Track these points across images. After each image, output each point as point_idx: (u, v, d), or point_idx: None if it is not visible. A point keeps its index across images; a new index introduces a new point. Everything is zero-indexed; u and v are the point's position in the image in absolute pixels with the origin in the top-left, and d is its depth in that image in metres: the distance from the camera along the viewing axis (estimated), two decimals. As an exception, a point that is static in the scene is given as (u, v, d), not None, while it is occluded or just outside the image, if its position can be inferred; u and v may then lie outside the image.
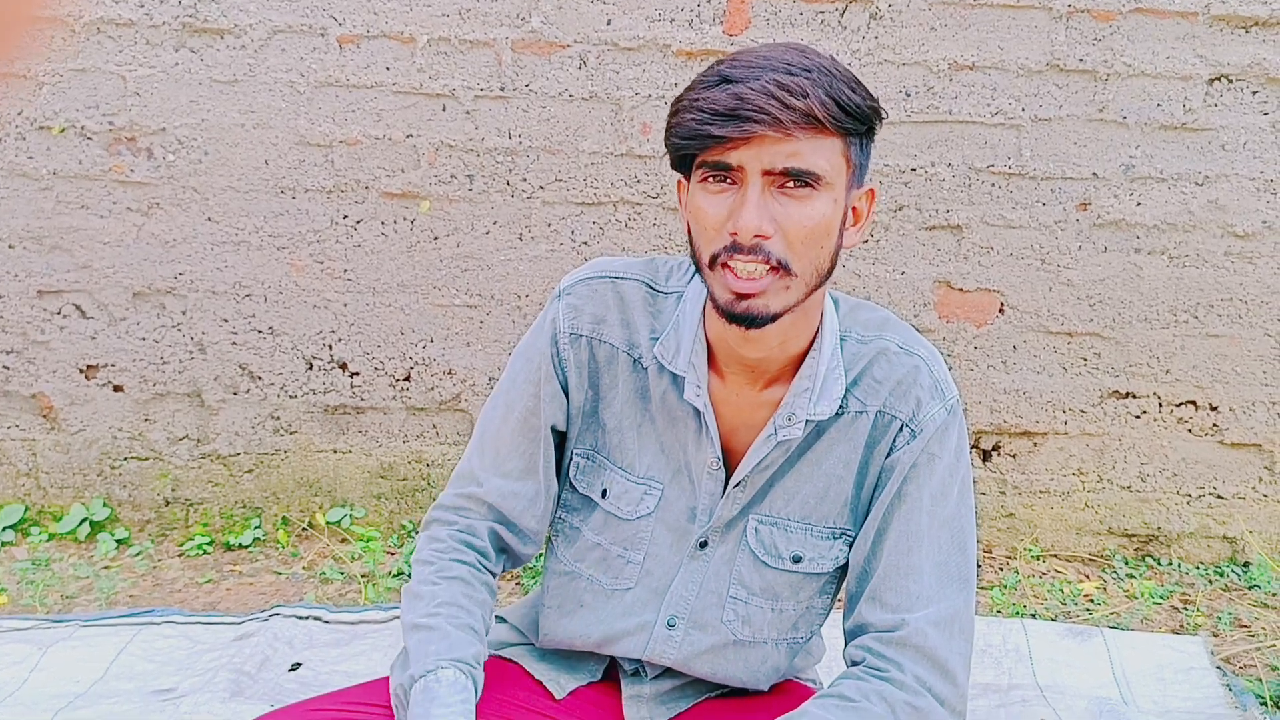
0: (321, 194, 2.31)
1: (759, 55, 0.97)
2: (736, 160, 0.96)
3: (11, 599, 2.18)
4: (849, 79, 0.98)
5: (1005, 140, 2.29)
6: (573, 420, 1.18)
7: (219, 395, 2.41)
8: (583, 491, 1.19)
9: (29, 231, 2.31)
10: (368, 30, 2.23)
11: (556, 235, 2.34)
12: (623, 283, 1.16)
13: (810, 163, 0.96)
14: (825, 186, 0.98)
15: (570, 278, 1.18)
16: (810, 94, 0.94)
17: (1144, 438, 2.45)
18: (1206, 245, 2.35)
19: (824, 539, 1.14)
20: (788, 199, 0.97)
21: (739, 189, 0.98)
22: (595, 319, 1.15)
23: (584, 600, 1.20)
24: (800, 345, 1.09)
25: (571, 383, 1.16)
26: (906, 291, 2.37)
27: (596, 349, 1.15)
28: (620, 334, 1.15)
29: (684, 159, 1.01)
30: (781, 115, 0.93)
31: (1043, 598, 2.32)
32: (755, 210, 0.96)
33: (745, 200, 0.96)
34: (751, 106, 0.93)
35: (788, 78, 0.94)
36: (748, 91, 0.94)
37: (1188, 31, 2.24)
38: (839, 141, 0.98)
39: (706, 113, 0.95)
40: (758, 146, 0.95)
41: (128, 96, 2.26)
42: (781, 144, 0.95)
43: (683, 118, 0.98)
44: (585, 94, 2.26)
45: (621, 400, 1.16)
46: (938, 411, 1.11)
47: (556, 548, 1.24)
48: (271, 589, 2.27)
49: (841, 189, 1.00)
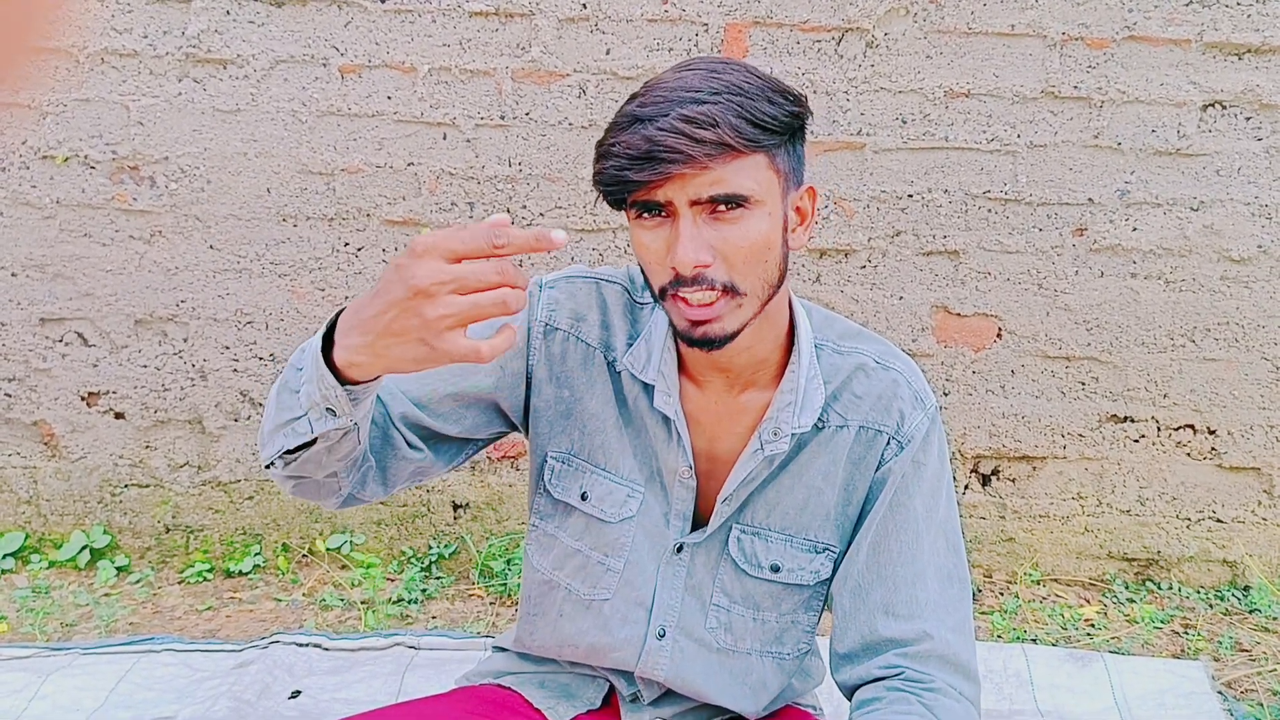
0: (323, 222, 2.33)
1: (667, 86, 0.96)
2: (663, 196, 0.96)
3: (11, 627, 2.18)
4: (764, 90, 0.97)
5: (1001, 166, 2.31)
6: (537, 415, 1.17)
7: (220, 422, 2.42)
8: (558, 497, 1.19)
9: (32, 260, 2.33)
10: (369, 60, 2.25)
11: (557, 262, 2.35)
12: (606, 286, 1.16)
13: (735, 185, 0.95)
14: (757, 204, 0.97)
15: (552, 274, 1.18)
16: (720, 121, 0.93)
17: (1143, 462, 2.46)
18: (1202, 270, 2.36)
19: (804, 551, 1.15)
20: (721, 223, 0.97)
21: (672, 221, 0.97)
22: (574, 316, 1.15)
23: (563, 610, 1.20)
24: (769, 348, 1.09)
25: (537, 374, 1.16)
26: (904, 316, 2.39)
27: (570, 346, 1.15)
28: (598, 334, 1.15)
29: (616, 200, 1.01)
30: (694, 151, 0.92)
31: (1043, 622, 2.31)
32: (690, 243, 0.95)
33: (679, 235, 0.96)
34: (663, 147, 0.92)
35: (695, 109, 0.93)
36: (656, 132, 0.93)
37: (1181, 59, 2.26)
38: (762, 157, 0.97)
39: (623, 159, 0.95)
40: (679, 182, 0.94)
41: (131, 126, 2.28)
42: (702, 175, 0.94)
43: (603, 164, 0.97)
44: (585, 122, 2.28)
45: (600, 401, 1.15)
46: (921, 421, 1.12)
47: (532, 556, 1.23)
48: (271, 616, 2.27)
49: (776, 200, 1.00)
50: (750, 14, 2.23)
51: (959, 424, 2.43)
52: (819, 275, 2.37)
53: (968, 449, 2.45)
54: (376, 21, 2.24)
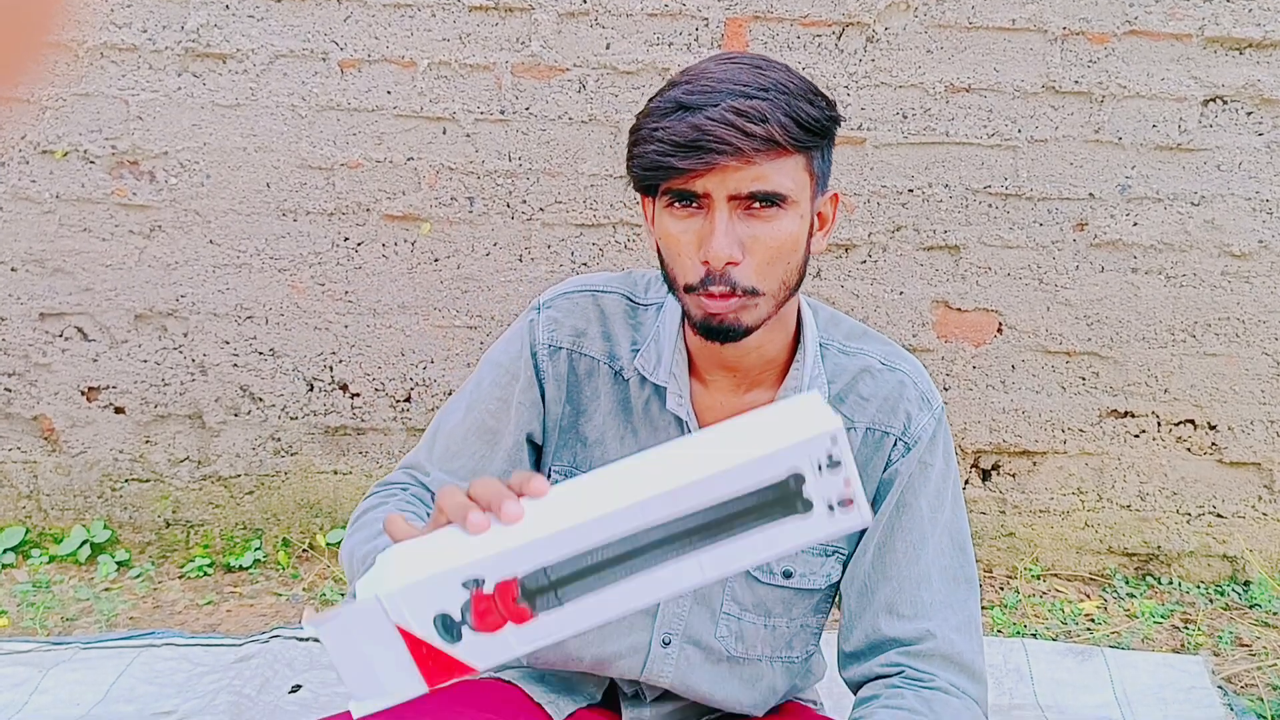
0: (323, 216, 2.33)
1: (713, 76, 0.96)
2: (701, 188, 0.96)
3: (12, 621, 2.18)
4: (806, 91, 0.97)
5: (1002, 161, 2.31)
6: (549, 434, 1.18)
7: (220, 417, 2.42)
8: None
9: (31, 254, 2.33)
10: (369, 55, 2.25)
11: (556, 257, 2.35)
12: (603, 296, 1.17)
13: (775, 184, 0.96)
14: (791, 204, 0.98)
15: (550, 292, 1.19)
16: (769, 117, 0.93)
17: (1143, 457, 2.46)
18: (1203, 265, 2.36)
19: (814, 555, 1.15)
20: (755, 220, 0.97)
21: (706, 214, 0.97)
22: (575, 332, 1.16)
23: None
24: (777, 348, 1.10)
25: (549, 395, 1.16)
26: (905, 311, 2.38)
27: (576, 362, 1.16)
28: (601, 346, 1.15)
29: (647, 186, 1.01)
30: (742, 144, 0.93)
31: (1043, 617, 2.31)
32: (724, 237, 0.96)
33: (714, 228, 0.96)
34: (712, 137, 0.93)
35: (745, 102, 0.93)
36: (706, 122, 0.93)
37: (1182, 53, 2.26)
38: (801, 158, 0.98)
39: (667, 144, 0.94)
40: (721, 174, 0.95)
41: (130, 120, 2.27)
42: (745, 169, 0.94)
43: (644, 149, 0.97)
44: (585, 117, 2.28)
45: (604, 413, 1.16)
46: (928, 422, 1.12)
47: None
48: (272, 610, 2.27)
49: (807, 202, 1.01)
50: (750, 8, 2.23)
51: (959, 419, 2.43)
52: (819, 270, 2.36)
53: (968, 444, 2.45)
54: (376, 16, 2.24)
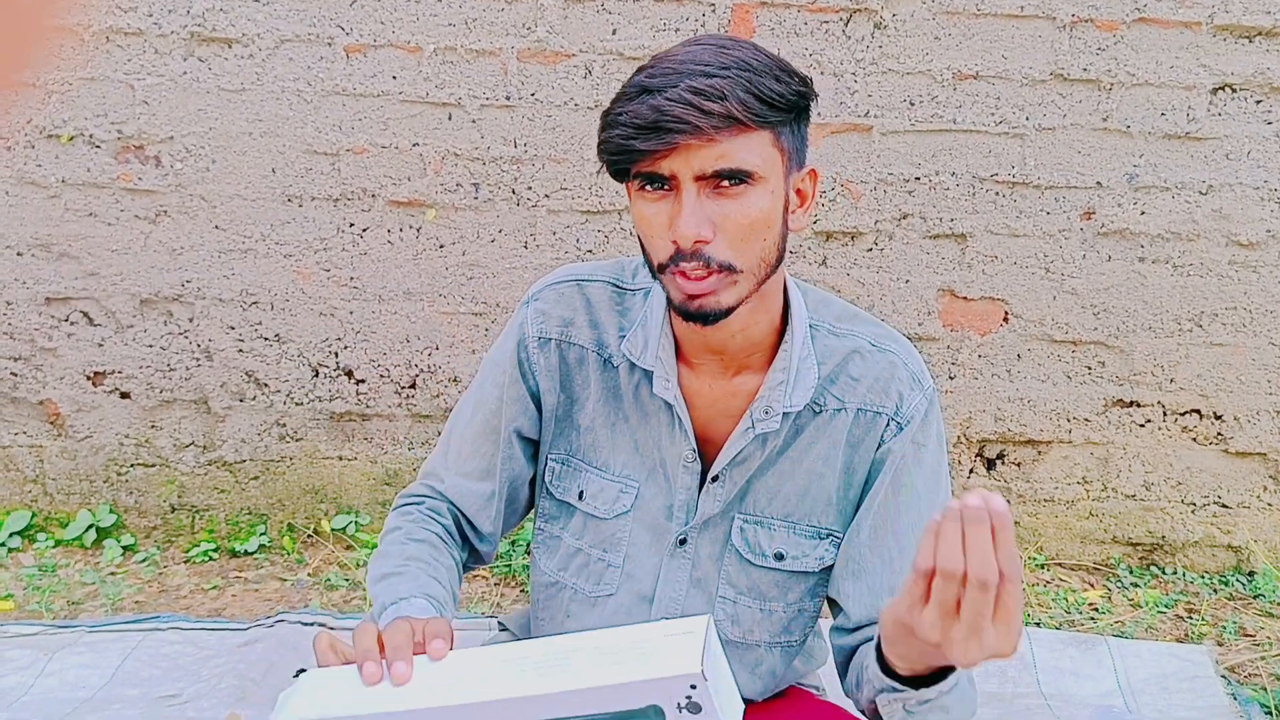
0: (328, 202, 2.33)
1: (676, 59, 0.97)
2: (667, 169, 0.97)
3: (18, 605, 2.19)
4: (771, 67, 0.98)
5: (1009, 149, 2.30)
6: (545, 425, 1.19)
7: (225, 402, 2.42)
8: (560, 497, 1.20)
9: (37, 239, 2.33)
10: (374, 40, 2.25)
11: (561, 243, 2.34)
12: (588, 285, 1.17)
13: (740, 161, 0.96)
14: (760, 180, 0.98)
15: (537, 284, 1.20)
16: (728, 94, 0.94)
17: (1148, 446, 2.45)
18: (1210, 254, 2.35)
19: (807, 537, 1.15)
20: (724, 198, 0.98)
21: (675, 194, 0.98)
22: (563, 322, 1.16)
23: (570, 610, 1.21)
24: (763, 330, 1.09)
25: (543, 387, 1.18)
26: (911, 300, 2.38)
27: (566, 351, 1.16)
28: (588, 334, 1.16)
29: (620, 170, 1.02)
30: (701, 122, 0.93)
31: (1047, 606, 2.31)
32: (692, 216, 0.96)
33: (681, 208, 0.97)
34: (670, 117, 0.94)
35: (704, 80, 0.94)
36: (665, 102, 0.94)
37: (1191, 41, 2.25)
38: (767, 134, 0.98)
39: (630, 127, 0.96)
40: (685, 154, 0.95)
41: (136, 105, 2.27)
42: (707, 148, 0.95)
43: (609, 134, 0.98)
44: (590, 103, 2.27)
45: (594, 400, 1.16)
46: (919, 401, 1.11)
47: (539, 560, 1.24)
48: (276, 596, 2.28)
49: (778, 178, 1.01)
50: (757, -6, 2.22)
51: (965, 408, 2.43)
52: (825, 258, 2.36)
53: (973, 433, 2.45)
54: (382, 1, 2.23)
